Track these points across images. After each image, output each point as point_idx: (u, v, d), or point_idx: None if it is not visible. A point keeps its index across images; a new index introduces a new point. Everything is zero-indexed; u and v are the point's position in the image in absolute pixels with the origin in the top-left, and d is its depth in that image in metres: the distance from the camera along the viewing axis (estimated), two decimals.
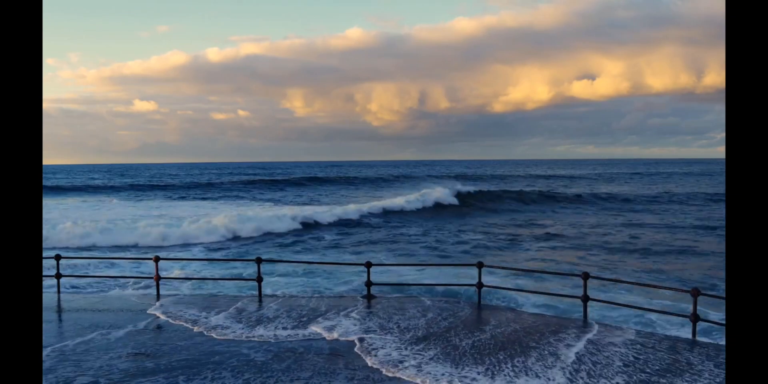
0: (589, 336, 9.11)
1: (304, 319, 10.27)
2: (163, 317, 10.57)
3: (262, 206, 49.21)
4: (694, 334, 9.05)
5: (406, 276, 19.58)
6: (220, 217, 33.96)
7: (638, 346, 8.59)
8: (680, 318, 11.17)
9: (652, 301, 15.95)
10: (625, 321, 13.65)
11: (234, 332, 9.59)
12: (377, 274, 18.67)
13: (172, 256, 23.72)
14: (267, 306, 11.29)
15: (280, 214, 37.05)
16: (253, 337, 9.29)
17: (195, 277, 18.38)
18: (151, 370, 7.68)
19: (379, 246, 28.70)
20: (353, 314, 10.53)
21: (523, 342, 8.84)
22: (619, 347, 8.57)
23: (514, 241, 29.43)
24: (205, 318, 10.48)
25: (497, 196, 54.01)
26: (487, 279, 12.77)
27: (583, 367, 7.73)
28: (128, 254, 25.67)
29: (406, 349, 8.60)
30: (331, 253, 26.75)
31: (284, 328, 9.73)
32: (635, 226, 35.62)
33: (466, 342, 8.86)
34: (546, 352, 8.34)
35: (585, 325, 9.74)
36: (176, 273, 19.66)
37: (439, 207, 46.26)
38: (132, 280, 18.07)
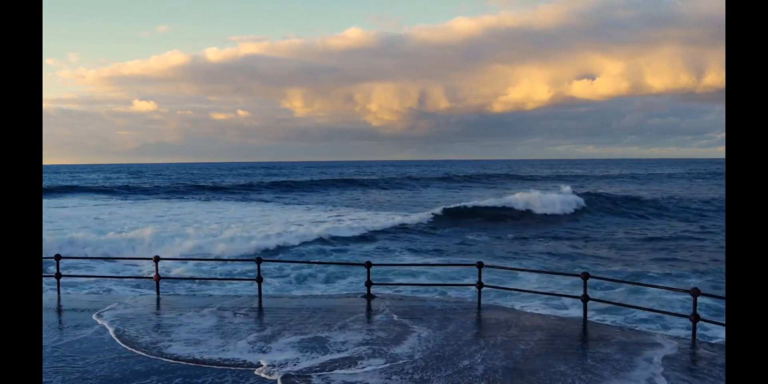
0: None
1: (280, 333, 9.21)
2: (108, 327, 9.65)
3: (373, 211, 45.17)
4: (694, 334, 9.05)
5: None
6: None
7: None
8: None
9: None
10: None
11: (168, 349, 8.44)
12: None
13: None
14: (253, 310, 10.85)
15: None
16: (195, 361, 7.92)
17: (198, 277, 18.38)
18: None
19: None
20: (347, 324, 9.68)
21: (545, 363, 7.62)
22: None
23: None
24: (164, 328, 9.68)
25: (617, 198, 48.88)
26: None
27: None
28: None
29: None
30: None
31: (248, 350, 8.43)
32: None
33: (479, 369, 7.40)
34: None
35: (585, 329, 9.70)
36: (177, 270, 19.66)
37: (578, 211, 41.75)
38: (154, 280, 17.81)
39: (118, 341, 8.90)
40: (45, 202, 53.04)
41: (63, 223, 34.71)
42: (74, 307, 11.32)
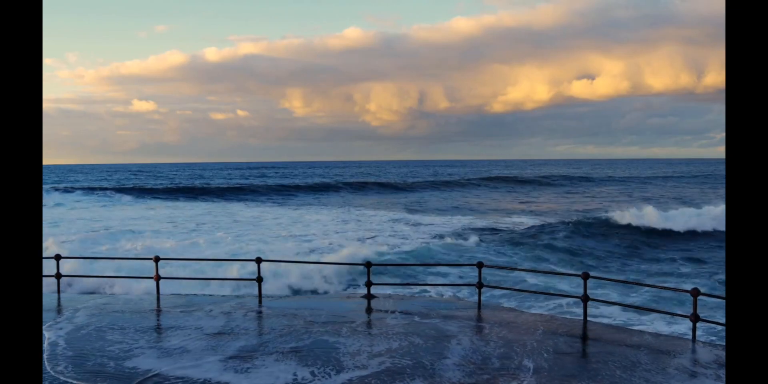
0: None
1: (277, 340, 8.57)
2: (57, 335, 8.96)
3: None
4: (694, 334, 9.02)
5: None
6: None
7: None
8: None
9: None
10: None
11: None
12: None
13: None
14: (252, 312, 10.54)
15: None
16: None
17: (198, 277, 18.36)
18: None
19: None
20: (354, 329, 9.18)
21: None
22: None
23: None
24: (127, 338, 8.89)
25: None
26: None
27: None
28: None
29: None
30: None
31: (226, 367, 7.35)
32: None
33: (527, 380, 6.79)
34: None
35: (585, 327, 9.70)
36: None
37: None
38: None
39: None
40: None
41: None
42: (71, 307, 11.32)
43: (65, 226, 34.04)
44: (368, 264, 11.67)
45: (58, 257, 12.74)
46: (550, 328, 9.44)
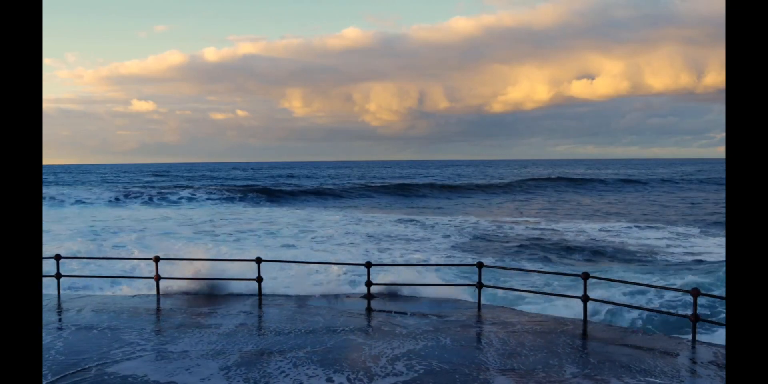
0: None
1: (285, 343, 8.28)
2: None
3: None
4: (694, 334, 9.01)
5: None
6: None
7: None
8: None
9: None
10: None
11: None
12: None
13: None
14: (253, 313, 10.42)
15: None
16: None
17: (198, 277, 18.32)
18: None
19: None
20: (363, 329, 9.10)
21: None
22: None
23: None
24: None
25: None
26: None
27: None
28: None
29: None
30: None
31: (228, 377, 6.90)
32: None
33: None
34: None
35: (585, 327, 9.70)
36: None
37: None
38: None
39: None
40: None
41: None
42: (69, 307, 11.31)
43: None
44: (368, 264, 11.67)
45: (58, 257, 12.74)
46: (557, 328, 9.42)
